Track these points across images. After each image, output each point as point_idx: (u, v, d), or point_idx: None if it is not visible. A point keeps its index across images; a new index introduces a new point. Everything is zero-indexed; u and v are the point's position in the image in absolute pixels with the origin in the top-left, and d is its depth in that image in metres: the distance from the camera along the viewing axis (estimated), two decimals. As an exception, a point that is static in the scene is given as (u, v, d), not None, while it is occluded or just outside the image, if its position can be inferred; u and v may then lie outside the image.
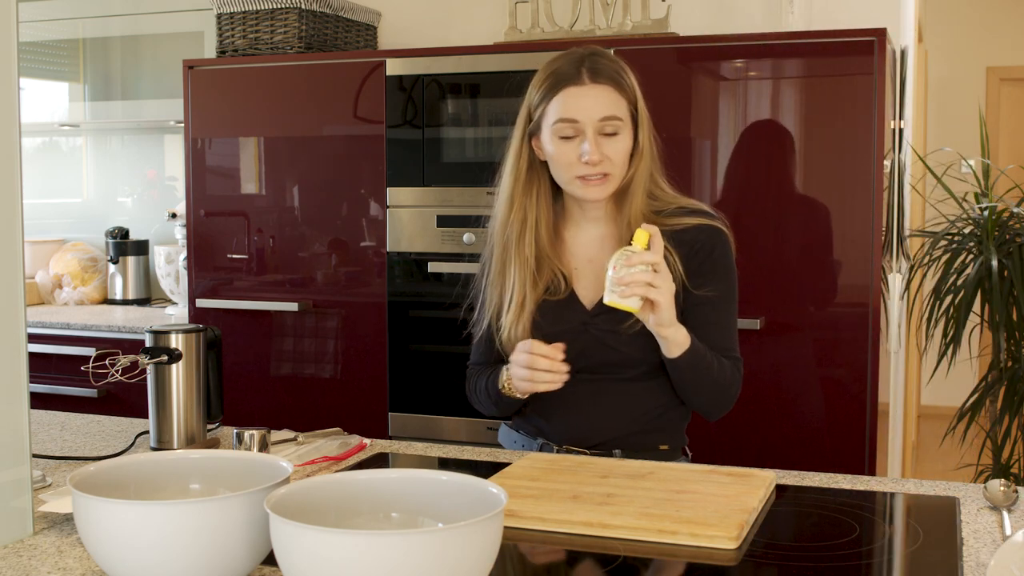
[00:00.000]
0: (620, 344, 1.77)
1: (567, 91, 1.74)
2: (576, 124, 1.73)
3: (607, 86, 1.75)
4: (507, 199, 1.83)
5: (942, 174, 3.56)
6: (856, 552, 1.30)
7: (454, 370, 3.01)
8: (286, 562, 1.00)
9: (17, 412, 1.34)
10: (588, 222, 1.85)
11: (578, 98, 1.73)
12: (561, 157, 1.75)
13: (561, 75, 1.76)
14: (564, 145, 1.74)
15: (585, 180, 1.74)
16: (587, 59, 1.77)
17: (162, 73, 3.81)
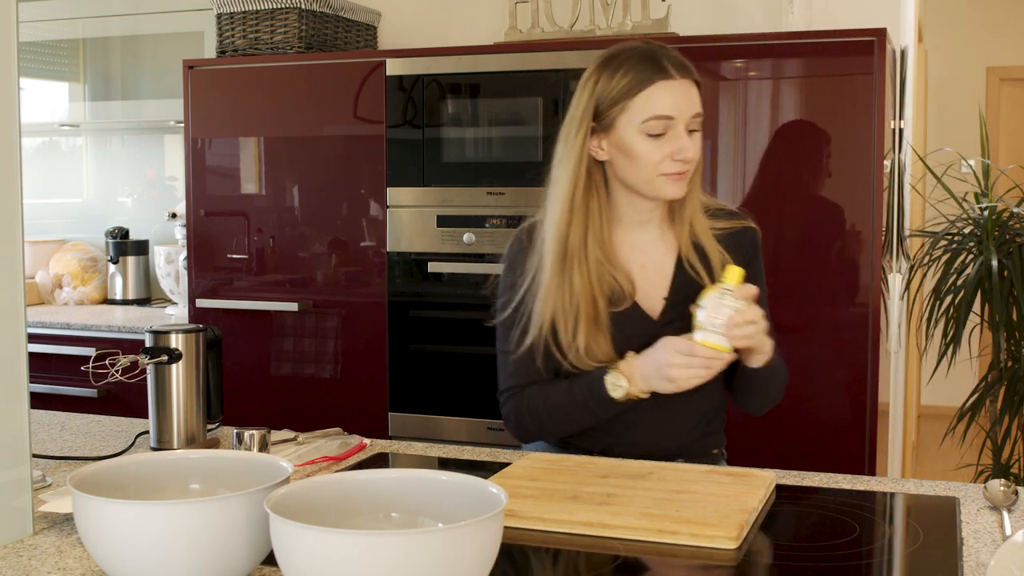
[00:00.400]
0: None
1: (659, 86, 1.66)
2: (669, 120, 1.66)
3: (690, 80, 1.69)
4: (566, 205, 1.71)
5: (942, 174, 3.56)
6: (856, 552, 1.30)
7: (454, 370, 3.01)
8: (286, 562, 1.00)
9: (17, 412, 1.34)
10: (639, 224, 1.78)
11: (672, 93, 1.66)
12: (649, 155, 1.66)
13: (643, 71, 1.67)
14: (653, 143, 1.66)
15: (670, 176, 1.67)
16: (663, 54, 1.69)
17: (162, 73, 3.81)
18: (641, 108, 1.66)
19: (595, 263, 1.71)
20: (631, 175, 1.70)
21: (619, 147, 1.69)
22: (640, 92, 1.66)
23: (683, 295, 1.74)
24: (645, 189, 1.71)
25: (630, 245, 1.78)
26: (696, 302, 1.63)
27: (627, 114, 1.67)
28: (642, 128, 1.66)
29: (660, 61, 1.67)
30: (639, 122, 1.66)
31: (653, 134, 1.66)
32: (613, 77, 1.68)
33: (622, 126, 1.68)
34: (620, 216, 1.77)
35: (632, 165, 1.69)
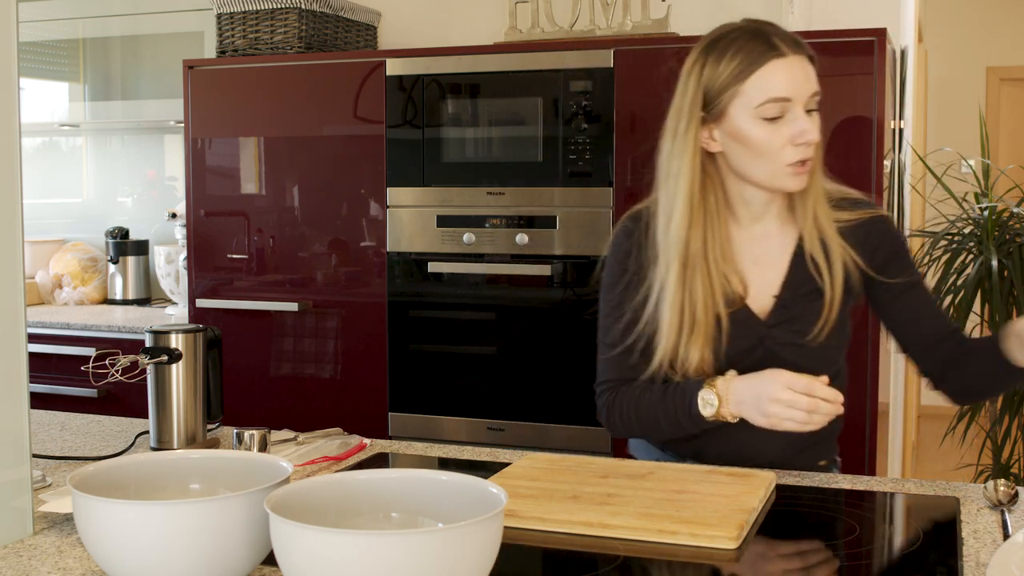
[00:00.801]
0: (799, 356, 1.62)
1: (773, 64, 1.53)
2: (787, 102, 1.53)
3: (805, 56, 1.56)
4: (685, 207, 1.59)
5: (942, 174, 3.56)
6: (856, 552, 1.30)
7: (454, 370, 3.01)
8: (286, 562, 1.00)
9: (17, 412, 1.34)
10: (752, 219, 1.66)
11: (787, 71, 1.53)
12: (769, 141, 1.54)
13: (753, 50, 1.54)
14: (770, 127, 1.53)
15: (795, 167, 1.54)
16: (772, 30, 1.56)
17: (162, 73, 3.81)
18: (755, 91, 1.54)
19: (715, 266, 1.60)
20: (749, 166, 1.58)
21: (733, 136, 1.57)
22: (752, 73, 1.54)
23: (797, 294, 1.64)
24: (765, 181, 1.58)
25: (743, 239, 1.66)
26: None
27: (739, 99, 1.55)
28: (757, 112, 1.54)
29: (770, 38, 1.55)
30: (754, 106, 1.54)
31: (769, 118, 1.54)
32: (720, 61, 1.56)
33: (735, 112, 1.55)
34: (734, 210, 1.65)
35: (750, 154, 1.56)
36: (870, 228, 1.65)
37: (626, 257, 1.69)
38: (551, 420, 2.91)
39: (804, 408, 1.48)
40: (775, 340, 1.63)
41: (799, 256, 1.65)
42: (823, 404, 1.48)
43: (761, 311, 1.64)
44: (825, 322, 1.63)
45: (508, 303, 2.94)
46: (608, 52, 2.81)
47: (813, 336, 1.62)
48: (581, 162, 2.82)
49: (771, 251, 1.66)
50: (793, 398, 1.49)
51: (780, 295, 1.65)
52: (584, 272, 2.86)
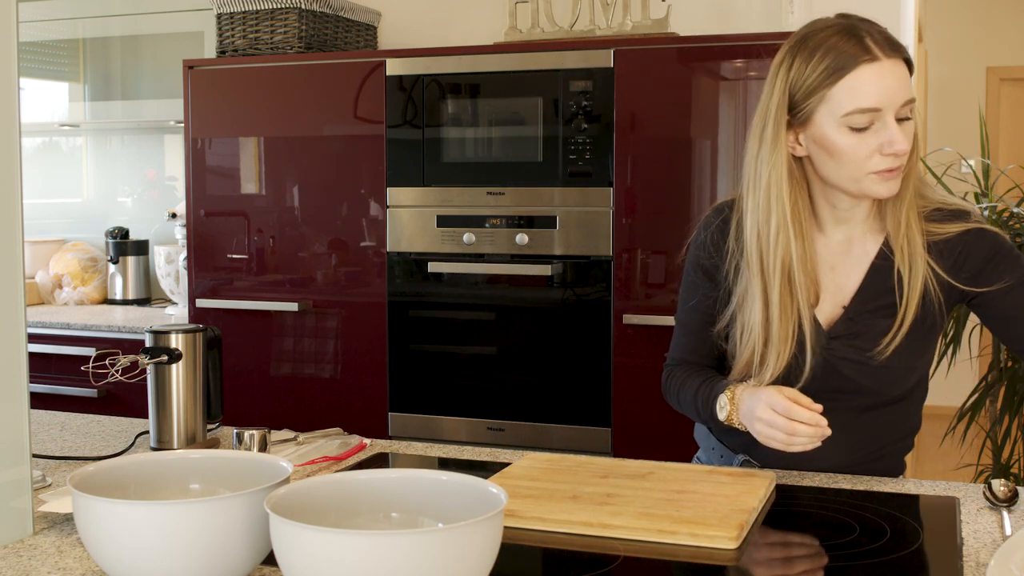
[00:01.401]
0: (858, 373, 1.57)
1: (863, 70, 1.44)
2: (876, 112, 1.45)
3: (899, 59, 1.47)
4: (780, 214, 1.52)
5: (942, 174, 3.56)
6: (856, 552, 1.30)
7: (454, 370, 3.01)
8: (286, 562, 1.00)
9: (17, 412, 1.34)
10: (835, 224, 1.60)
11: (879, 78, 1.44)
12: (855, 150, 1.46)
13: (844, 52, 1.45)
14: (857, 137, 1.46)
15: (881, 174, 1.47)
16: (867, 29, 1.48)
17: (162, 73, 3.81)
18: (843, 98, 1.46)
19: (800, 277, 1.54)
20: (834, 174, 1.51)
21: (818, 142, 1.50)
22: (841, 79, 1.45)
23: (866, 308, 1.58)
24: (851, 188, 1.51)
25: (823, 244, 1.60)
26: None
27: (826, 105, 1.47)
28: (844, 121, 1.46)
29: (863, 39, 1.46)
30: (841, 115, 1.46)
31: (857, 128, 1.46)
32: (809, 61, 1.48)
33: (821, 119, 1.48)
34: (818, 214, 1.59)
35: (834, 162, 1.49)
36: (961, 243, 1.56)
37: (700, 249, 1.67)
38: (551, 420, 2.91)
39: (782, 430, 1.46)
40: (834, 353, 1.57)
41: (877, 266, 1.59)
42: (801, 427, 1.45)
43: (827, 321, 1.59)
44: (891, 341, 1.55)
45: (508, 303, 2.94)
46: (608, 52, 2.81)
47: (875, 354, 1.55)
48: (581, 162, 2.82)
49: (850, 258, 1.60)
50: (772, 419, 1.47)
51: (849, 307, 1.59)
52: (584, 272, 2.86)
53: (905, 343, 1.56)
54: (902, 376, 1.60)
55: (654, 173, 2.78)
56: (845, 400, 1.59)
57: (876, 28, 1.49)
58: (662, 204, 2.79)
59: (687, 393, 1.67)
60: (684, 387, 1.68)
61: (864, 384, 1.57)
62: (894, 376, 1.58)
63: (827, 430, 1.45)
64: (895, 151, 1.46)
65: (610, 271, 2.83)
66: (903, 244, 1.55)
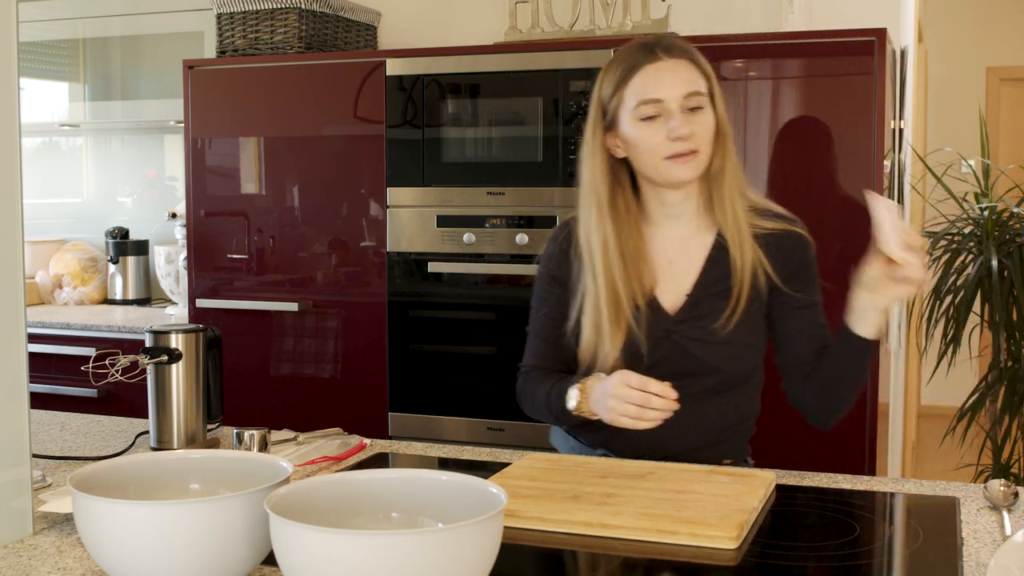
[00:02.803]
0: (705, 352, 1.70)
1: (644, 71, 1.66)
2: (659, 103, 1.65)
3: (684, 60, 1.68)
4: (593, 206, 1.72)
5: (942, 174, 3.56)
6: (856, 552, 1.30)
7: (454, 370, 3.01)
8: (286, 562, 1.00)
9: (17, 412, 1.34)
10: (669, 220, 1.75)
11: (658, 74, 1.66)
12: (647, 140, 1.66)
13: (633, 59, 1.68)
14: (648, 127, 1.66)
15: (675, 160, 1.65)
16: (657, 41, 1.70)
17: (162, 73, 3.81)
18: (631, 95, 1.67)
19: (622, 261, 1.70)
20: (640, 164, 1.70)
21: (624, 139, 1.69)
22: (631, 79, 1.67)
23: (707, 293, 1.72)
24: (656, 176, 1.69)
25: (660, 240, 1.76)
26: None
27: (623, 105, 1.68)
28: (636, 114, 1.66)
29: (652, 48, 1.68)
30: (632, 109, 1.67)
31: (646, 118, 1.66)
32: (611, 72, 1.70)
33: (622, 118, 1.68)
34: (649, 212, 1.76)
35: (636, 153, 1.69)
36: (785, 241, 1.74)
37: (549, 260, 1.83)
38: (551, 420, 2.91)
39: (635, 402, 1.56)
40: (682, 335, 1.71)
41: (714, 256, 1.74)
42: (654, 399, 1.56)
43: (671, 307, 1.73)
44: (731, 316, 1.70)
45: (508, 303, 2.94)
46: (608, 52, 2.81)
47: (718, 328, 1.69)
48: (581, 162, 2.82)
49: (688, 252, 1.75)
50: (627, 393, 1.57)
51: (692, 293, 1.73)
52: (584, 272, 2.86)
53: (743, 319, 1.71)
54: (743, 353, 1.73)
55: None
56: (694, 383, 1.70)
57: (669, 39, 1.71)
58: (662, 204, 2.78)
59: (540, 393, 1.77)
60: (538, 389, 1.79)
61: (712, 363, 1.70)
62: (737, 353, 1.72)
63: (676, 404, 1.57)
64: (679, 135, 1.63)
65: (610, 271, 2.83)
66: (733, 232, 1.71)
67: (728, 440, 1.78)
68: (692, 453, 1.73)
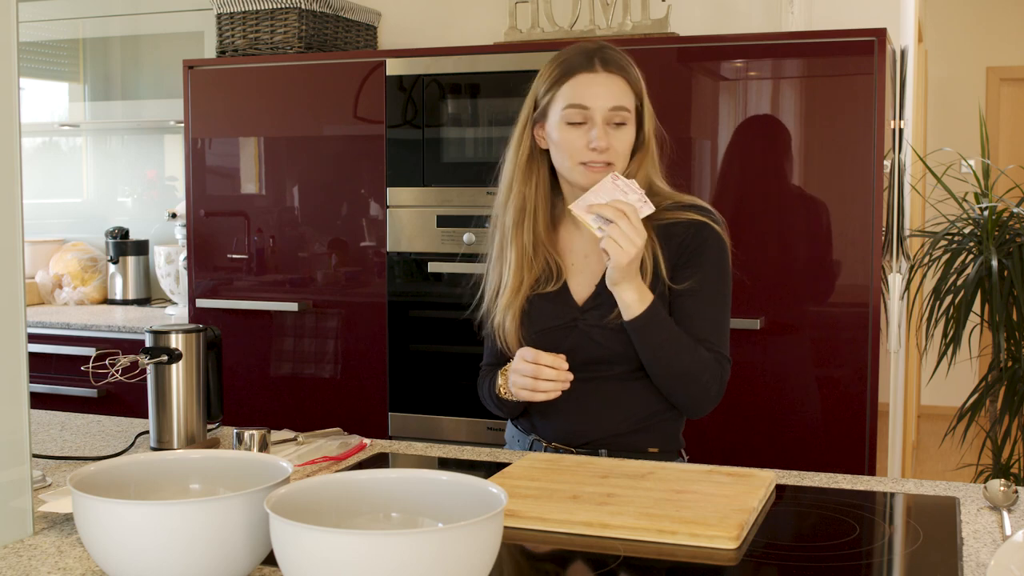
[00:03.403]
0: (605, 339, 1.76)
1: (579, 78, 1.75)
2: (586, 111, 1.74)
3: (618, 76, 1.77)
4: (507, 185, 1.84)
5: (942, 174, 3.56)
6: (856, 552, 1.30)
7: (454, 370, 3.01)
8: (286, 562, 1.00)
9: (17, 412, 1.34)
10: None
11: (590, 85, 1.74)
12: (568, 143, 1.75)
13: (572, 63, 1.77)
14: (572, 131, 1.75)
15: (588, 166, 1.74)
16: (598, 51, 1.78)
17: (162, 73, 3.81)
18: (563, 97, 1.75)
19: (530, 242, 1.81)
20: (558, 161, 1.79)
21: (549, 134, 1.79)
22: (565, 82, 1.76)
23: None
24: (569, 176, 1.79)
25: (575, 236, 1.85)
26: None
27: (555, 103, 1.77)
28: (564, 116, 1.75)
29: (591, 56, 1.76)
30: (560, 110, 1.75)
31: (572, 122, 1.74)
32: (549, 71, 1.79)
33: (551, 114, 1.78)
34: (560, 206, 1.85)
35: (557, 151, 1.78)
36: (686, 229, 1.79)
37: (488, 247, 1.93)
38: (551, 420, 2.91)
39: (527, 374, 1.69)
40: (586, 323, 1.79)
41: None
42: (545, 371, 1.68)
43: (580, 298, 1.81)
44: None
45: (508, 303, 2.94)
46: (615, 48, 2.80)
47: (615, 316, 1.74)
48: (581, 162, 2.82)
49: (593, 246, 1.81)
50: (522, 367, 1.71)
51: (598, 284, 1.80)
52: (584, 272, 2.86)
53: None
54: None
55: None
56: (607, 369, 1.78)
57: (610, 51, 1.78)
58: (662, 204, 2.78)
59: (485, 387, 1.90)
60: (483, 383, 1.91)
61: (616, 350, 1.76)
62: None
63: (568, 375, 1.69)
64: (596, 146, 1.73)
65: (610, 271, 2.83)
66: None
67: (652, 429, 1.82)
68: (616, 439, 1.80)
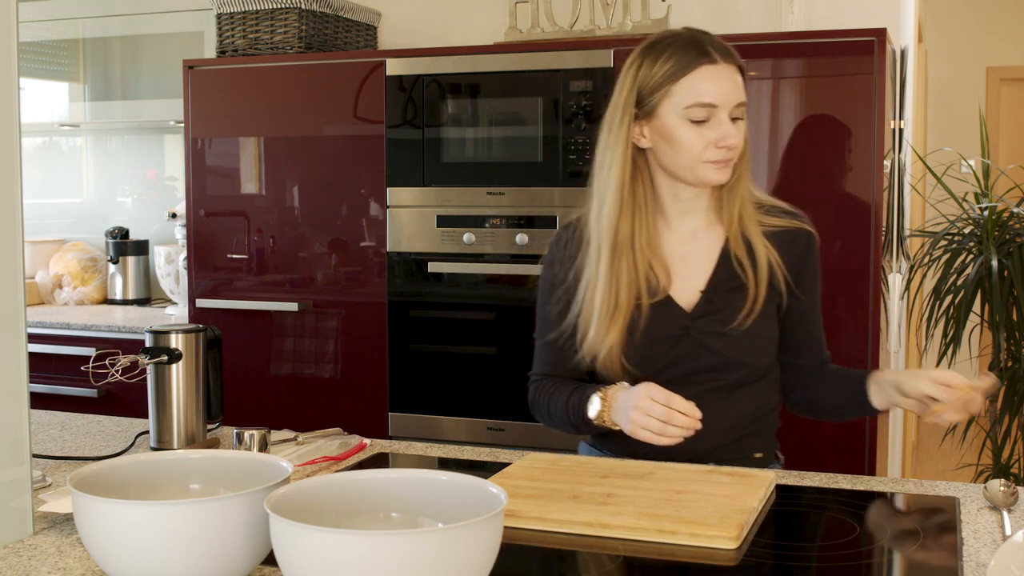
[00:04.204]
0: (724, 347, 1.69)
1: (702, 70, 1.63)
2: (713, 108, 1.63)
3: (735, 67, 1.66)
4: (616, 195, 1.68)
5: (942, 174, 3.56)
6: (856, 552, 1.30)
7: (454, 370, 3.01)
8: (286, 562, 1.00)
9: (17, 412, 1.34)
10: (681, 215, 1.74)
11: (716, 79, 1.63)
12: (692, 141, 1.63)
13: (687, 55, 1.64)
14: (695, 130, 1.63)
15: (714, 164, 1.64)
16: (706, 38, 1.67)
17: (162, 73, 3.81)
18: (684, 94, 1.63)
19: (640, 254, 1.69)
20: (673, 161, 1.67)
21: (661, 133, 1.66)
22: (683, 77, 1.63)
23: (722, 289, 1.71)
24: (688, 176, 1.67)
25: (673, 237, 1.74)
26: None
27: (669, 100, 1.64)
28: (685, 114, 1.63)
29: (704, 46, 1.65)
30: (681, 108, 1.63)
31: (696, 120, 1.63)
32: (656, 63, 1.65)
33: (664, 112, 1.65)
34: (663, 206, 1.74)
35: (674, 151, 1.66)
36: (794, 238, 1.74)
37: (553, 263, 1.80)
38: (551, 420, 2.91)
39: (658, 417, 1.54)
40: (700, 330, 1.70)
41: (725, 256, 1.73)
42: (678, 416, 1.54)
43: (686, 304, 1.72)
44: (750, 312, 1.69)
45: (508, 303, 2.94)
46: (608, 52, 2.81)
47: (737, 325, 1.68)
48: (581, 162, 2.82)
49: (700, 249, 1.74)
50: (650, 407, 1.55)
51: (705, 290, 1.72)
52: (584, 272, 2.86)
53: (763, 314, 1.71)
54: (764, 346, 1.73)
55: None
56: (720, 377, 1.70)
57: (716, 39, 1.68)
58: (662, 204, 2.78)
59: (557, 403, 1.74)
60: (554, 396, 1.76)
61: (732, 356, 1.69)
62: (757, 345, 1.72)
63: (698, 424, 1.55)
64: (728, 144, 1.64)
65: (610, 271, 2.83)
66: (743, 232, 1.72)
67: (756, 433, 1.76)
68: (723, 448, 1.72)
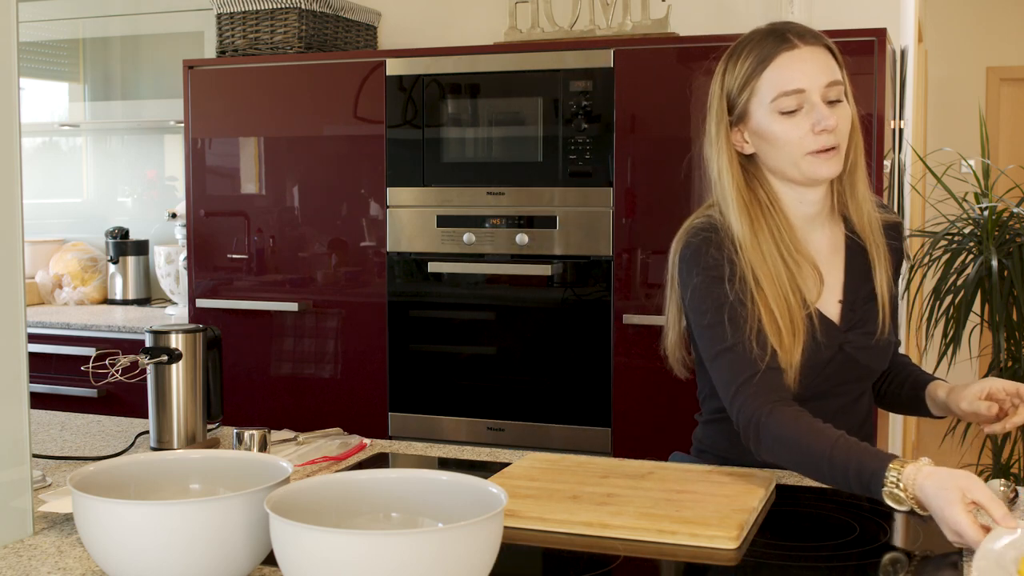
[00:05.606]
0: (870, 359, 1.61)
1: (781, 59, 1.53)
2: (801, 94, 1.51)
3: (821, 47, 1.55)
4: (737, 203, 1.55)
5: (942, 174, 3.56)
6: (856, 552, 1.30)
7: (454, 370, 3.01)
8: (286, 562, 1.00)
9: (17, 412, 1.34)
10: (807, 219, 1.61)
11: (798, 63, 1.52)
12: (788, 134, 1.52)
13: (765, 48, 1.54)
14: (788, 121, 1.52)
15: (819, 155, 1.51)
16: (787, 26, 1.57)
17: (162, 73, 3.81)
18: (768, 86, 1.53)
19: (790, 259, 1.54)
20: (776, 161, 1.55)
21: (758, 134, 1.56)
22: (765, 69, 1.54)
23: (856, 297, 1.62)
24: (794, 173, 1.55)
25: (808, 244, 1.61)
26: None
27: (756, 97, 1.55)
28: (773, 107, 1.53)
29: (783, 34, 1.55)
30: (768, 102, 1.53)
31: (786, 111, 1.53)
32: (737, 63, 1.58)
33: (755, 111, 1.55)
34: (788, 214, 1.60)
35: (774, 150, 1.54)
36: (897, 233, 1.70)
37: (717, 268, 1.56)
38: (551, 420, 2.91)
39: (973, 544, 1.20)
40: (852, 344, 1.59)
41: (850, 255, 1.64)
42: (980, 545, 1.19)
43: (834, 316, 1.60)
44: (885, 320, 1.61)
45: (508, 303, 2.94)
46: (608, 52, 2.81)
47: (879, 336, 1.60)
48: (581, 162, 2.82)
49: (827, 252, 1.62)
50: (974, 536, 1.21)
51: (844, 299, 1.61)
52: (584, 272, 2.86)
53: (893, 320, 1.65)
54: (892, 350, 1.68)
55: (654, 173, 2.78)
56: (859, 388, 1.65)
57: (798, 26, 1.57)
58: (662, 204, 2.79)
59: (820, 449, 1.40)
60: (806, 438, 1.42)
61: (875, 368, 1.63)
62: (889, 351, 1.66)
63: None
64: (825, 127, 1.50)
65: (610, 271, 2.83)
66: (870, 232, 1.62)
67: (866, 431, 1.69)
68: None
